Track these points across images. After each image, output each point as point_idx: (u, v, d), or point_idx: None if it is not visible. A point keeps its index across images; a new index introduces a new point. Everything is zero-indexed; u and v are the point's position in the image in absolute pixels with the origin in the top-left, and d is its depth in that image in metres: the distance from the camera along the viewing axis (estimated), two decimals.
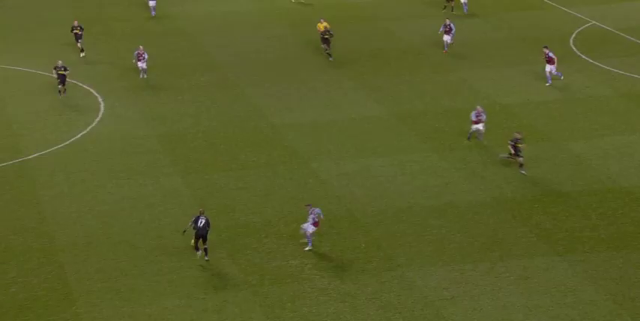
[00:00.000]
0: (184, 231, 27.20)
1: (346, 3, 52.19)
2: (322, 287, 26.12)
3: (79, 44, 43.12)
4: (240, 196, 31.08)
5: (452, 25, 43.11)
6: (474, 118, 34.08)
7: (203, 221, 27.04)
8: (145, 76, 40.93)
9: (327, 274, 26.71)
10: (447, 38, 43.22)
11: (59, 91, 38.14)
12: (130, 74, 41.59)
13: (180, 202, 30.65)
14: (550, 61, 38.73)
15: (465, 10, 48.58)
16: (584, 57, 42.84)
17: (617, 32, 45.86)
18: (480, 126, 34.06)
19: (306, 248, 27.90)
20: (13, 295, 25.76)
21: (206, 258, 27.15)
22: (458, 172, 32.41)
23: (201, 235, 26.95)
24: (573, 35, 45.85)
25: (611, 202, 30.05)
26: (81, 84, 40.23)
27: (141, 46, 41.11)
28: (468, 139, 34.30)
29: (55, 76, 38.09)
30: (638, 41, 44.57)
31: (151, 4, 49.32)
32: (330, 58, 42.77)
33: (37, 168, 32.59)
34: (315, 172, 32.67)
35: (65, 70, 37.79)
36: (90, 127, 36.01)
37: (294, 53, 44.19)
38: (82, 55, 43.01)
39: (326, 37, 42.44)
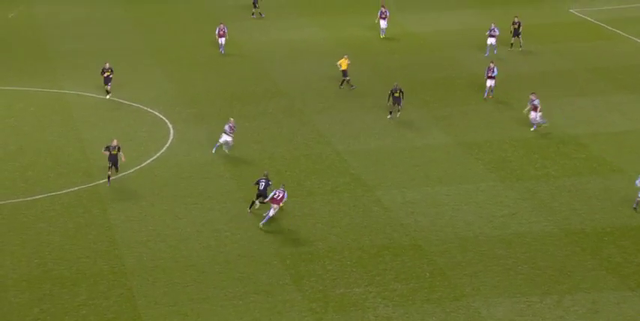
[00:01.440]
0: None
1: (412, 33, 52.44)
2: (386, 316, 26.07)
3: (108, 87, 41.87)
4: (305, 223, 31.26)
5: (495, 68, 41.22)
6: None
7: (263, 184, 31.40)
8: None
9: (392, 302, 26.65)
10: (490, 83, 41.26)
11: (108, 177, 33.58)
12: (199, 101, 42.38)
13: (246, 228, 30.96)
14: (535, 108, 37.60)
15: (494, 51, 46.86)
16: None
17: None
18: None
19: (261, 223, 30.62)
20: (83, 317, 26.26)
21: (265, 214, 30.92)
22: (525, 202, 32.14)
23: (261, 194, 31.36)
24: None
25: None
26: (152, 110, 41.11)
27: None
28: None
29: (106, 154, 33.79)
30: None
31: (221, 41, 48.47)
32: (353, 87, 42.66)
33: (108, 192, 33.32)
34: (380, 199, 32.73)
35: (118, 150, 33.82)
36: (159, 153, 36.71)
37: (359, 81, 44.50)
38: (108, 96, 41.99)
39: (396, 95, 39.58)
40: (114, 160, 33.61)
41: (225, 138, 36.04)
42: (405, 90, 43.34)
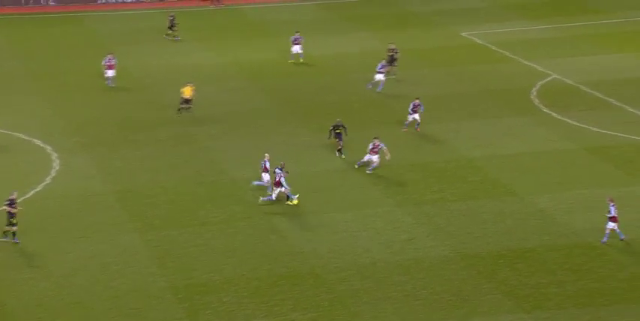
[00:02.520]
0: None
1: (312, 56, 52.64)
2: None
3: None
4: (199, 254, 30.63)
5: (421, 105, 40.70)
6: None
7: (280, 173, 33.69)
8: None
9: None
10: (414, 117, 40.49)
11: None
12: (85, 129, 41.29)
13: (136, 261, 30.11)
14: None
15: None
16: (546, 110, 43.37)
17: (578, 86, 46.62)
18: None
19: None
20: None
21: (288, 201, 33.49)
22: (422, 227, 32.36)
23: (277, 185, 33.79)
24: (535, 88, 46.53)
25: (577, 258, 30.06)
26: (33, 140, 39.82)
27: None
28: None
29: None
30: (599, 95, 45.30)
31: (109, 73, 45.99)
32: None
33: None
34: (277, 227, 32.37)
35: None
36: (43, 185, 35.50)
37: (254, 106, 44.24)
38: None
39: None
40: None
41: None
42: (303, 114, 43.42)
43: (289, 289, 28.54)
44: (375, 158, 36.27)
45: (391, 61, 47.48)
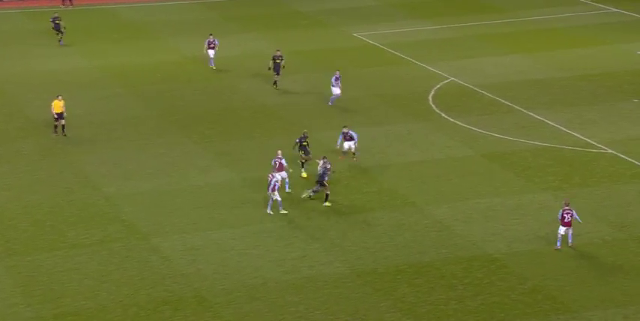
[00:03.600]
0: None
1: (191, 58, 52.18)
2: None
3: None
4: (70, 280, 29.80)
5: (352, 132, 38.96)
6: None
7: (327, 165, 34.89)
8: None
9: None
10: (349, 145, 38.88)
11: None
12: None
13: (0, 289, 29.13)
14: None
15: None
16: (443, 115, 44.15)
17: (475, 89, 47.67)
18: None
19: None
20: None
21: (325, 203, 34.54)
22: (315, 242, 32.35)
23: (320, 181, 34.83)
24: (432, 92, 47.33)
25: (477, 271, 30.56)
26: None
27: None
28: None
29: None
30: (497, 98, 46.44)
31: None
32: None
33: None
34: (158, 248, 31.85)
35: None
36: None
37: (130, 115, 43.55)
38: None
39: None
40: None
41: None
42: (184, 123, 42.92)
43: (172, 315, 28.06)
44: (283, 175, 35.65)
45: (277, 69, 47.19)
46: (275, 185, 34.03)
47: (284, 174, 35.76)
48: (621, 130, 41.83)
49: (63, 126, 40.99)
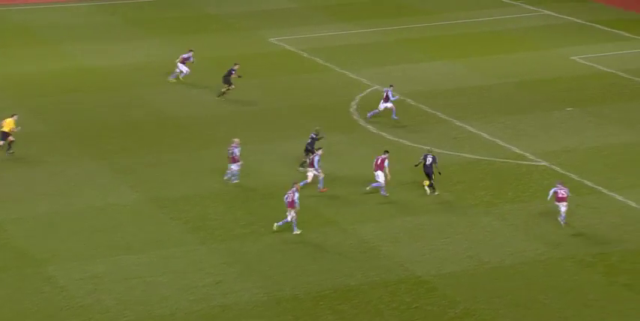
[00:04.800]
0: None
1: (89, 68, 51.77)
2: None
3: None
4: None
5: (316, 157, 38.23)
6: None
7: (430, 159, 37.15)
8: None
9: None
10: (314, 173, 38.27)
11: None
12: None
13: None
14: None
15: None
16: (368, 126, 44.60)
17: (402, 98, 48.11)
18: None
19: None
20: None
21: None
22: (230, 267, 32.34)
23: (428, 173, 37.34)
24: (355, 102, 47.82)
25: (405, 295, 30.88)
26: None
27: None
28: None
29: None
30: (425, 108, 47.13)
31: None
32: None
33: None
34: (53, 277, 31.45)
35: None
36: None
37: (20, 131, 43.03)
38: None
39: None
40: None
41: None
42: (81, 140, 42.52)
43: None
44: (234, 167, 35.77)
45: (227, 82, 47.47)
46: (294, 200, 34.06)
47: (235, 167, 36.03)
48: (555, 140, 42.84)
49: (10, 143, 40.68)
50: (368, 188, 37.62)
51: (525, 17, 62.90)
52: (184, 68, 49.47)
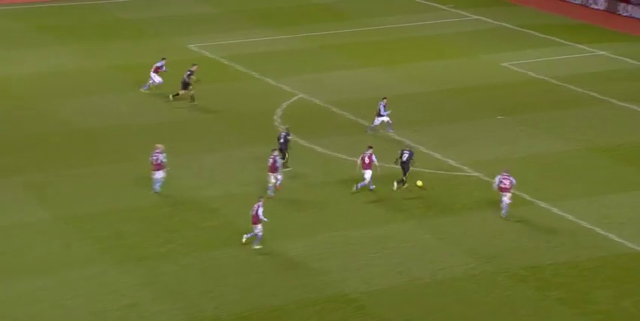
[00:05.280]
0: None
1: None
2: None
3: None
4: None
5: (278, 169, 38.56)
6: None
7: (407, 155, 38.26)
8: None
9: None
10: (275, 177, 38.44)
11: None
12: None
13: None
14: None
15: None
16: (292, 137, 44.33)
17: (328, 107, 48.07)
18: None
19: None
20: None
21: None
22: (146, 288, 31.69)
23: (403, 168, 38.59)
24: (278, 111, 47.50)
25: (333, 314, 30.54)
26: None
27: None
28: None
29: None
30: (352, 117, 46.94)
31: None
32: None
33: None
34: None
35: None
36: None
37: None
38: None
39: None
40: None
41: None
42: None
43: None
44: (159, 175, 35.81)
45: (185, 86, 47.25)
46: (258, 214, 33.95)
47: (160, 174, 36.08)
48: (486, 150, 42.96)
49: None
50: (355, 189, 38.27)
51: (454, 22, 63.34)
52: (157, 78, 48.87)
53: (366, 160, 38.30)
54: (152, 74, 48.94)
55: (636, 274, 32.52)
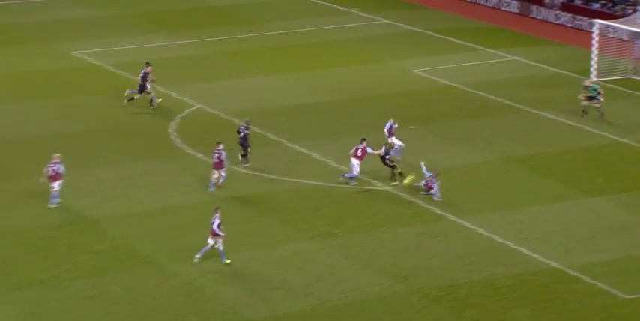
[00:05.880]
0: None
1: None
2: None
3: None
4: None
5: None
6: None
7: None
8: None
9: None
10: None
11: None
12: None
13: None
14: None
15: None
16: (189, 151, 44.12)
17: (228, 117, 47.97)
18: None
19: None
20: None
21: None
22: (26, 319, 31.21)
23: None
24: (174, 123, 47.34)
25: None
26: None
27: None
28: None
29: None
30: (253, 128, 46.78)
31: None
32: None
33: None
34: None
35: None
36: None
37: None
38: None
39: None
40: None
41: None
42: None
43: None
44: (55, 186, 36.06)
45: (143, 88, 47.52)
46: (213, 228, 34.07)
47: (57, 185, 36.62)
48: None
49: None
50: (341, 178, 40.72)
51: (361, 26, 63.94)
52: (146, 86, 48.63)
53: (359, 153, 40.49)
54: (146, 85, 48.49)
55: (553, 291, 33.21)
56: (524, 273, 34.33)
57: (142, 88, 47.92)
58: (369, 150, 40.76)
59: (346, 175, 40.69)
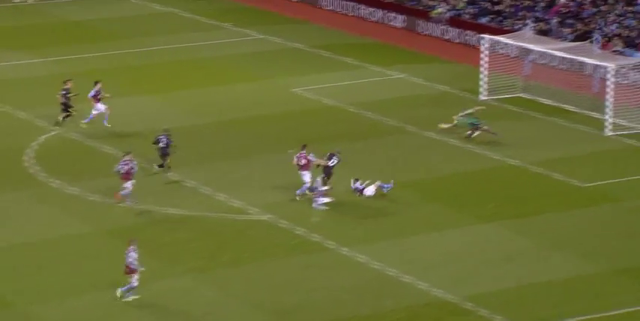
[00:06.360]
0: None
1: None
2: None
3: None
4: None
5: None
6: None
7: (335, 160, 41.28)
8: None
9: None
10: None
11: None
12: None
13: None
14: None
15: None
16: (49, 180, 43.51)
17: (90, 143, 47.44)
18: None
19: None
20: None
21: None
22: None
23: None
24: (30, 150, 46.68)
25: None
26: None
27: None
28: None
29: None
30: (110, 151, 46.42)
31: None
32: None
33: None
34: None
35: None
36: None
37: None
38: None
39: None
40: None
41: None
42: None
43: None
44: None
45: (67, 109, 47.71)
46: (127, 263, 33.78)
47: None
48: (277, 189, 43.18)
49: None
50: (298, 198, 41.37)
51: (236, 42, 63.85)
52: (101, 107, 48.46)
53: (302, 162, 40.92)
54: (97, 105, 48.38)
55: None
56: (415, 306, 34.37)
57: (67, 106, 48.13)
58: (312, 157, 41.24)
59: (298, 191, 41.37)
